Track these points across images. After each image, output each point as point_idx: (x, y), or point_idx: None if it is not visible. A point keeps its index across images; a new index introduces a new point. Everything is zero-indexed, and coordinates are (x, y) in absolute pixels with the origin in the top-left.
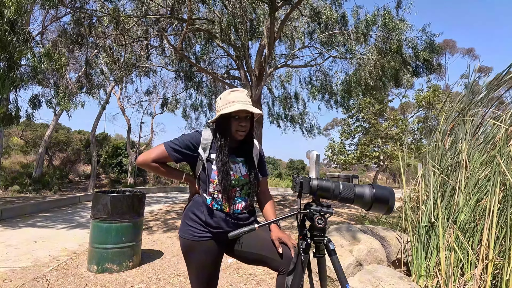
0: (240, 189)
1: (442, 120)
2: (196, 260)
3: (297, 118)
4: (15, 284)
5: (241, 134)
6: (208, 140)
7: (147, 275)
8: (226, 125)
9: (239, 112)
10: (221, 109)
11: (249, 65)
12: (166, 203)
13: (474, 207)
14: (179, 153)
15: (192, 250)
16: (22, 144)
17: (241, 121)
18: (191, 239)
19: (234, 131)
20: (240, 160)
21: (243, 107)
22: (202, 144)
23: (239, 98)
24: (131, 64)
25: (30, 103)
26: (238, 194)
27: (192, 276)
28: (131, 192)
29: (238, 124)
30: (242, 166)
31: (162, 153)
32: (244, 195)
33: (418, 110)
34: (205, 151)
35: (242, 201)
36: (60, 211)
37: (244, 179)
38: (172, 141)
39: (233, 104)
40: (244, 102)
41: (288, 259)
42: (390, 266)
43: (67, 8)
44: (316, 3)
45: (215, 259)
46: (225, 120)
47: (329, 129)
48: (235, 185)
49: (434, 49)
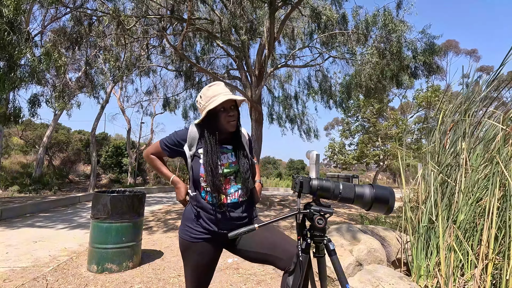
0: (234, 176)
1: (441, 119)
2: (191, 260)
3: (296, 119)
4: (15, 284)
5: (233, 124)
6: (195, 136)
7: (147, 275)
8: (215, 120)
9: (225, 103)
10: (205, 106)
11: (249, 65)
12: (166, 203)
13: (474, 207)
14: (169, 149)
15: (188, 250)
16: (22, 144)
17: (228, 111)
18: (187, 239)
19: (225, 123)
20: (230, 149)
21: (228, 97)
22: (188, 141)
23: (219, 90)
24: (131, 64)
25: (30, 102)
26: (234, 183)
27: (187, 274)
28: (131, 192)
29: (227, 115)
30: (231, 155)
31: (157, 148)
32: (239, 182)
33: (418, 110)
34: (191, 147)
35: (238, 189)
36: (60, 211)
37: (235, 165)
38: (165, 138)
39: (216, 98)
40: (225, 93)
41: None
42: (390, 266)
43: (67, 8)
44: (316, 3)
45: (211, 259)
46: (212, 115)
47: (330, 128)
48: (228, 173)
49: (434, 51)
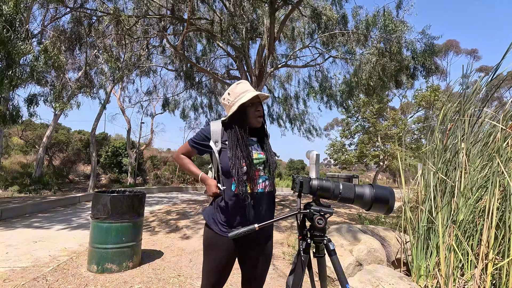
0: (263, 167)
1: (440, 119)
2: (213, 253)
3: (296, 119)
4: (15, 284)
5: (260, 119)
6: (218, 132)
7: (147, 275)
8: (244, 115)
9: (254, 98)
10: (234, 102)
11: (249, 65)
12: (167, 203)
13: (473, 207)
14: (198, 145)
15: (212, 242)
16: (22, 144)
17: (257, 106)
18: (214, 230)
19: (253, 118)
20: (255, 140)
21: (256, 93)
22: (213, 137)
23: (247, 87)
24: (131, 64)
25: (28, 101)
26: (262, 173)
27: (206, 267)
28: (131, 192)
29: (256, 110)
30: (257, 146)
31: (186, 148)
32: (267, 173)
33: (417, 110)
34: (216, 143)
35: (265, 179)
36: (60, 211)
37: (263, 156)
38: (192, 137)
39: (245, 94)
40: (253, 90)
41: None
42: (390, 266)
43: (67, 8)
44: (316, 3)
45: (231, 256)
46: (241, 111)
47: (329, 129)
48: (258, 163)
49: (434, 52)
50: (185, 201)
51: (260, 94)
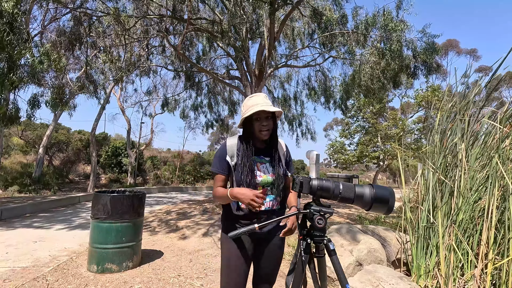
0: (271, 188)
1: (439, 119)
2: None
3: (295, 120)
4: (15, 284)
5: (265, 133)
6: (234, 147)
7: (147, 275)
8: (250, 127)
9: (259, 113)
10: (243, 114)
11: (249, 65)
12: (167, 203)
13: (473, 207)
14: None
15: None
16: (22, 144)
17: (262, 121)
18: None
19: (257, 131)
20: (267, 160)
21: (261, 108)
22: (229, 152)
23: (258, 101)
24: (131, 64)
25: (29, 103)
26: (270, 193)
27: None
28: (131, 192)
29: (260, 125)
30: (269, 166)
31: (217, 179)
32: (275, 194)
33: (418, 109)
34: (232, 158)
35: (273, 199)
36: (60, 211)
37: (272, 178)
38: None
39: (253, 108)
40: (263, 104)
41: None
42: (390, 266)
43: (67, 8)
44: (316, 3)
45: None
46: (248, 123)
47: (329, 129)
48: (265, 184)
49: (434, 50)
50: (185, 201)
51: (267, 109)
